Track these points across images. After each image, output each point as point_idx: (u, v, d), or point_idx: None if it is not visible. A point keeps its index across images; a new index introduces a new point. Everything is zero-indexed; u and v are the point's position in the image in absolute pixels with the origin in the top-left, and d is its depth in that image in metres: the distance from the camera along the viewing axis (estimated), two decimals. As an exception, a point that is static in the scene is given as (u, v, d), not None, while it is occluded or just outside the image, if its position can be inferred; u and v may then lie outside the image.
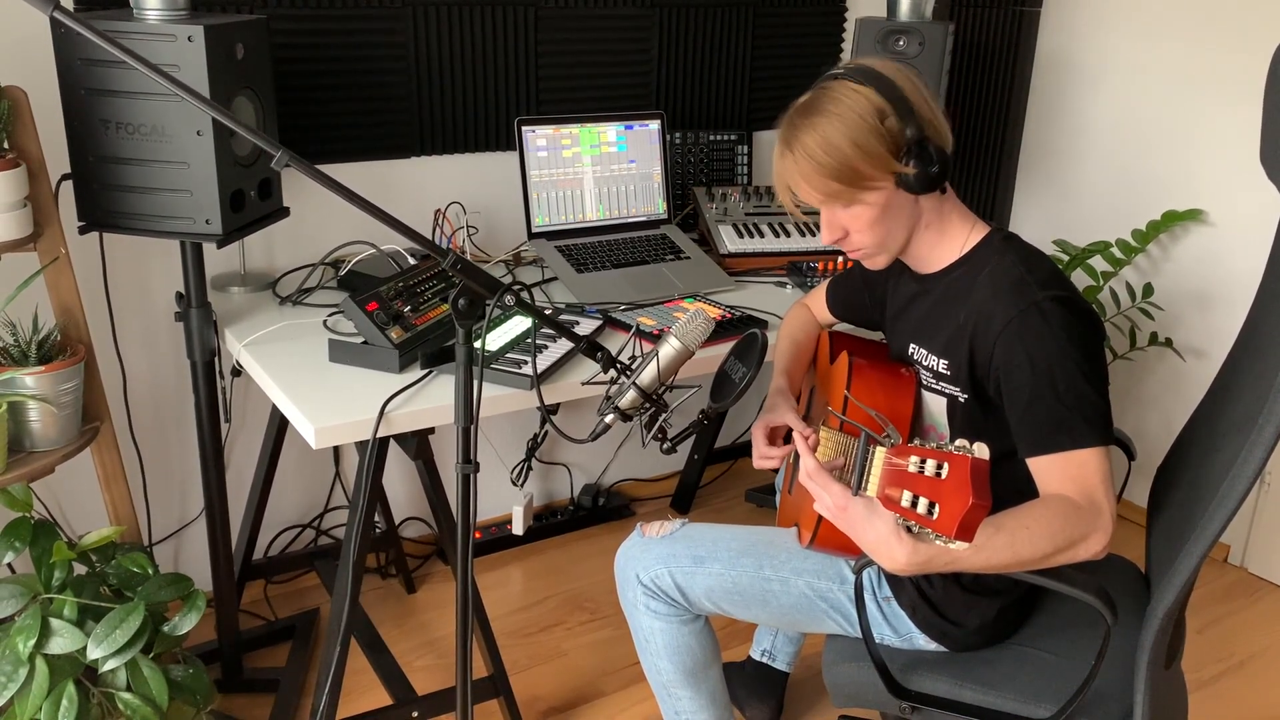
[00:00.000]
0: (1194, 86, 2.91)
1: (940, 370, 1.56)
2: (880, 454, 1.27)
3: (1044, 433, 1.42)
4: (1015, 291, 1.45)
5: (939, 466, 1.14)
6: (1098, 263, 3.02)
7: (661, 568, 1.73)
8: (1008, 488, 1.52)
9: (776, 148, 1.53)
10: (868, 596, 1.66)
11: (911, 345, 1.63)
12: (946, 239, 1.57)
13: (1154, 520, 1.68)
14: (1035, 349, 1.42)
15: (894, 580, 1.65)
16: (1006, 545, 1.33)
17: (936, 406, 1.60)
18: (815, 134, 1.46)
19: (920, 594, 1.62)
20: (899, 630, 1.65)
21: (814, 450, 1.53)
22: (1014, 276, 1.47)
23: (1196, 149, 2.92)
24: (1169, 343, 2.97)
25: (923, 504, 1.14)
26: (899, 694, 1.58)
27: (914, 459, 1.17)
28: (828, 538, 1.57)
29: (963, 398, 1.53)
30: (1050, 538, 1.34)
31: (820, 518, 1.53)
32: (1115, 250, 2.98)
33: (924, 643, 1.65)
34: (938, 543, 1.13)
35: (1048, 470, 1.42)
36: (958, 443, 1.14)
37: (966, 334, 1.50)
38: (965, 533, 1.10)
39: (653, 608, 1.76)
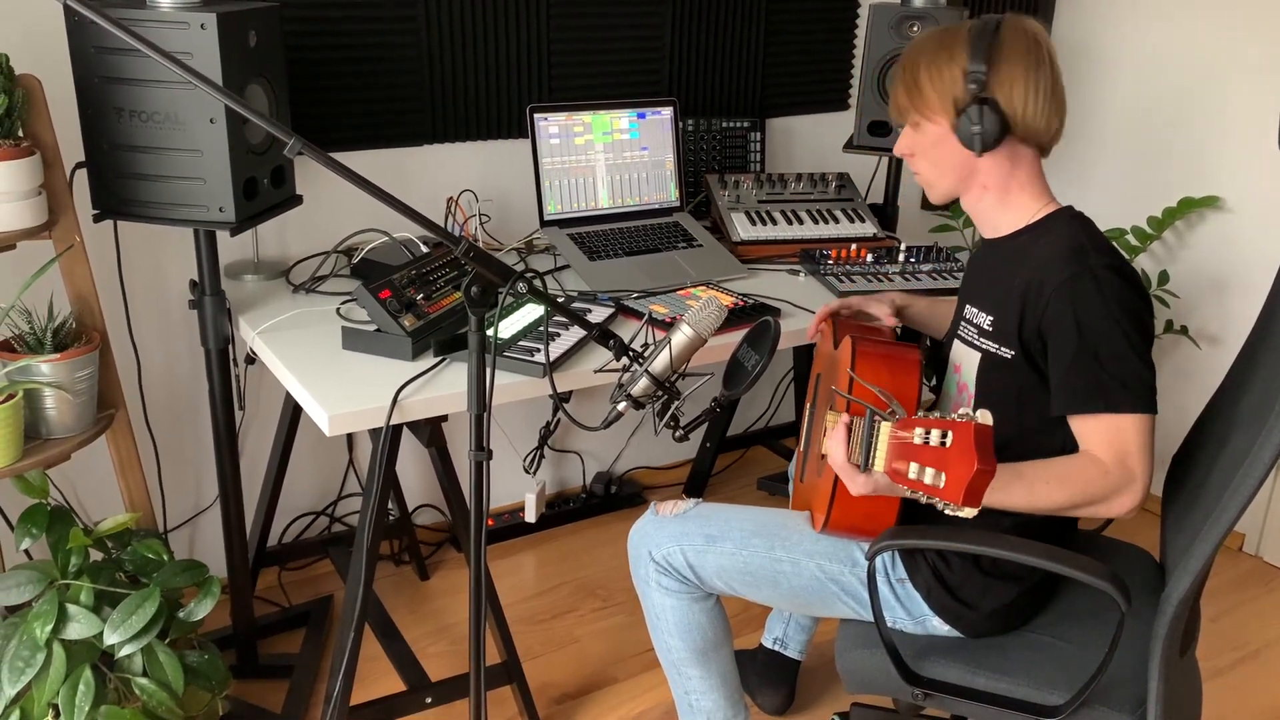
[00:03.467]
0: (1211, 72, 2.88)
1: (984, 326, 1.60)
2: (886, 429, 1.28)
3: (1081, 394, 1.47)
4: (1072, 256, 1.50)
5: (943, 435, 1.15)
6: (1113, 250, 3.00)
7: (674, 545, 1.73)
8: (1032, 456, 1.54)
9: None
10: (881, 579, 1.66)
11: (967, 305, 1.67)
12: (1011, 208, 1.62)
13: (1169, 508, 1.67)
14: (1084, 312, 1.46)
15: (909, 562, 1.65)
16: (1025, 492, 1.44)
17: (970, 362, 1.63)
18: (914, 53, 1.59)
19: (936, 576, 1.63)
20: (912, 613, 1.65)
21: (823, 435, 1.54)
22: (1074, 243, 1.52)
23: (1213, 135, 2.90)
24: (1184, 330, 2.95)
25: (929, 474, 1.16)
26: (911, 680, 1.58)
27: (919, 430, 1.18)
28: (840, 521, 1.58)
29: (1006, 354, 1.57)
30: (1069, 495, 1.43)
31: (831, 502, 1.55)
32: (1131, 237, 2.96)
33: (937, 625, 1.64)
34: (947, 511, 1.15)
35: (1086, 431, 1.48)
36: (960, 411, 1.16)
37: (1019, 292, 1.54)
38: (972, 498, 1.12)
39: (664, 585, 1.76)
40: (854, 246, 2.42)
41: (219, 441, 2.06)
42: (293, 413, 2.29)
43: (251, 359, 2.07)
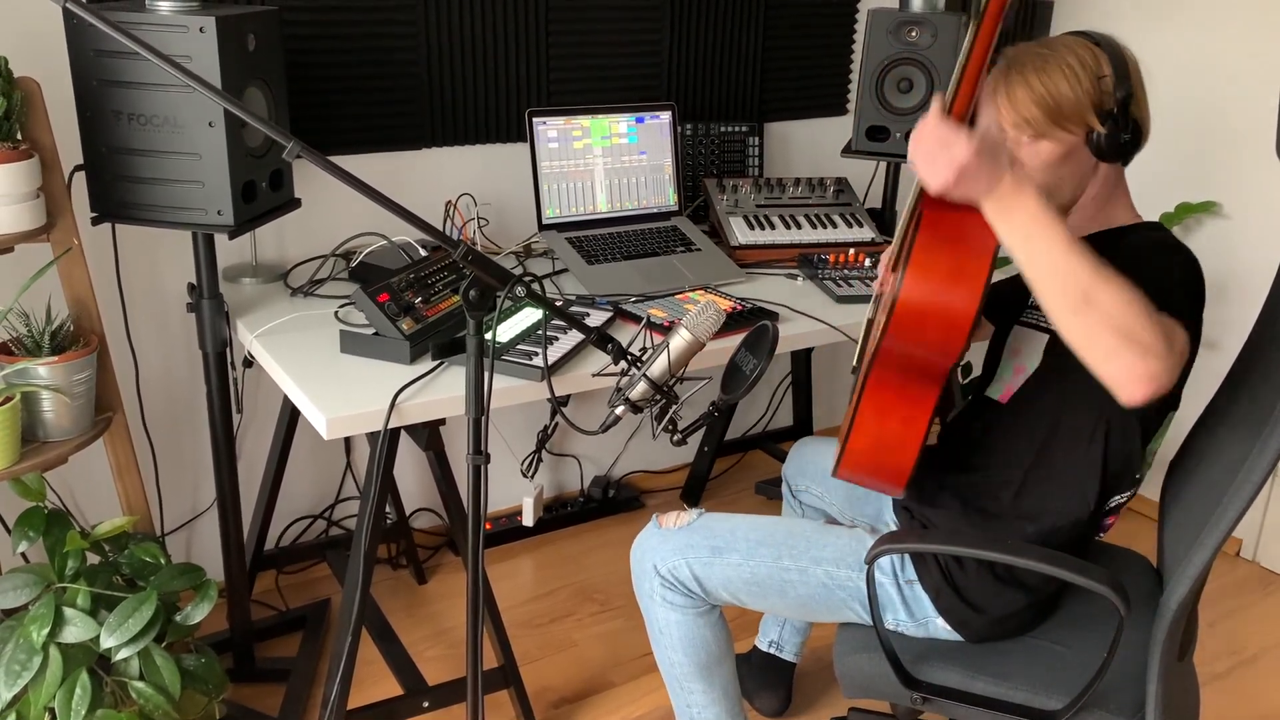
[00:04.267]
0: (1209, 78, 2.89)
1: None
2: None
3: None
4: (1149, 234, 1.56)
5: None
6: (1110, 255, 3.00)
7: (679, 559, 1.72)
8: (1060, 443, 1.58)
9: (998, 65, 1.60)
10: (889, 580, 1.65)
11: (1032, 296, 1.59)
12: (1104, 215, 1.62)
13: (1166, 514, 1.67)
14: (1149, 266, 1.41)
15: (919, 563, 1.65)
16: (1093, 265, 1.28)
17: (1034, 346, 1.64)
18: (1039, 62, 1.55)
19: (946, 579, 1.62)
20: (915, 615, 1.65)
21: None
22: (1155, 234, 1.57)
23: (1212, 141, 2.90)
24: (1182, 335, 2.96)
25: None
26: (910, 684, 1.58)
27: None
28: (909, 311, 1.43)
29: None
30: (1130, 307, 1.26)
31: (876, 354, 1.49)
32: (1128, 242, 2.97)
33: (940, 627, 1.64)
34: None
35: None
36: None
37: None
38: None
39: (669, 599, 1.76)
40: (852, 251, 2.42)
41: (216, 445, 2.06)
42: (290, 416, 2.29)
43: (249, 362, 2.07)
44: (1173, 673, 1.46)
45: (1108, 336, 1.27)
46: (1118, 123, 1.53)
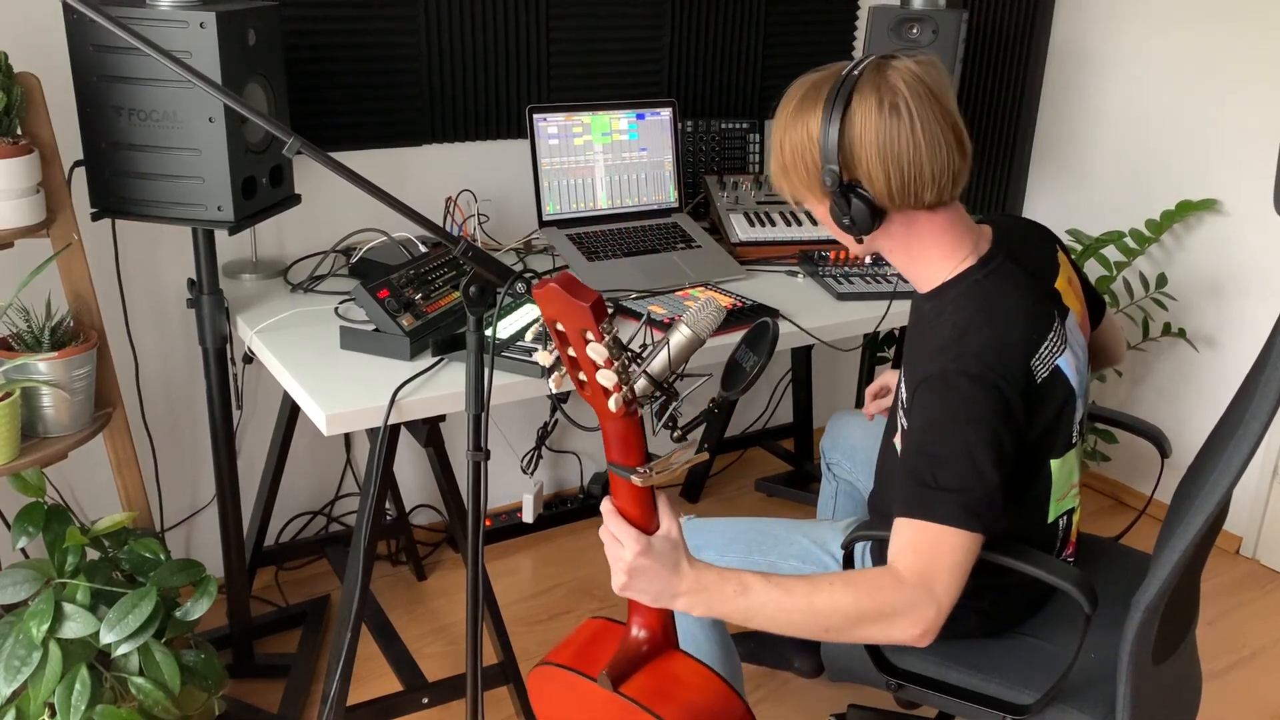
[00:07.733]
0: (1209, 75, 2.89)
1: (904, 402, 1.52)
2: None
3: (907, 497, 1.36)
4: (940, 352, 1.39)
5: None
6: (1111, 252, 3.00)
7: None
8: None
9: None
10: None
11: (902, 371, 1.59)
12: (926, 264, 1.49)
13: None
14: (930, 414, 1.38)
15: None
16: (807, 589, 1.31)
17: (897, 437, 1.57)
18: (778, 127, 1.46)
19: None
20: None
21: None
22: (951, 335, 1.40)
23: (1211, 138, 2.90)
24: (1182, 333, 2.96)
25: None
26: (885, 670, 1.60)
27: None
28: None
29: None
30: (854, 598, 1.30)
31: None
32: (1129, 240, 2.96)
33: None
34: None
35: (899, 534, 1.36)
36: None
37: (914, 377, 1.47)
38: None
39: None
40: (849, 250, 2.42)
41: (216, 441, 2.06)
42: (290, 412, 2.29)
43: (249, 358, 2.07)
44: (1146, 674, 1.44)
45: (863, 624, 1.31)
46: (840, 207, 1.41)
